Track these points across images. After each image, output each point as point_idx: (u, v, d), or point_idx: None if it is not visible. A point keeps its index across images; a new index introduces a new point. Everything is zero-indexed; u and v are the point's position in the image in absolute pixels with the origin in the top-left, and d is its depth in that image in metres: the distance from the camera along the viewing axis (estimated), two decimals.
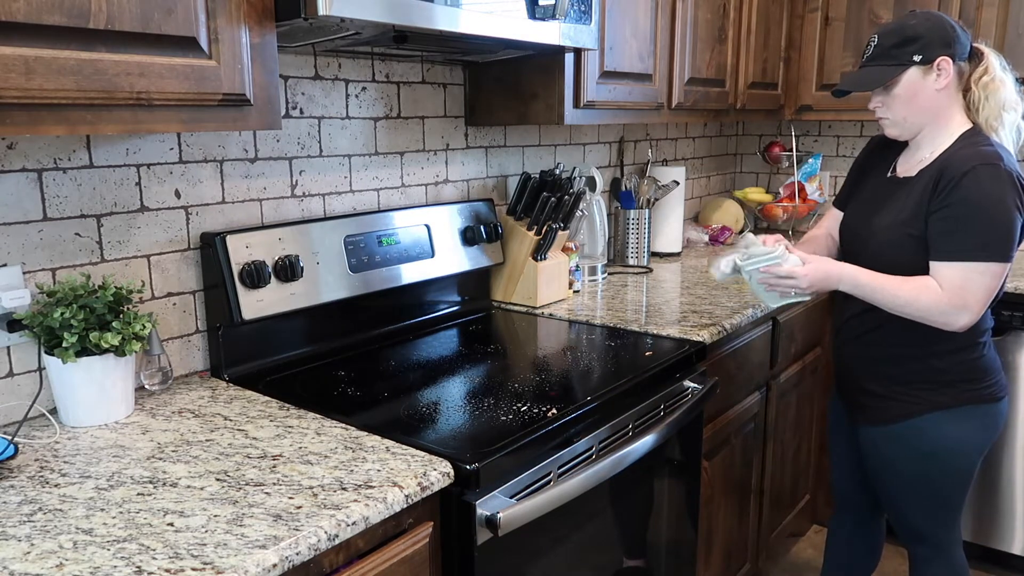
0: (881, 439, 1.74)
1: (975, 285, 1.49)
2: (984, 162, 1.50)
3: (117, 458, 1.19)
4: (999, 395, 1.66)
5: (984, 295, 1.51)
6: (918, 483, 1.71)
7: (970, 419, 1.64)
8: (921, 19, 1.59)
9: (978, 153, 1.52)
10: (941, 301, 1.51)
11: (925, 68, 1.57)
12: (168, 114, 1.11)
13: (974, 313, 1.51)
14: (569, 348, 1.83)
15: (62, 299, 1.28)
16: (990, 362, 1.66)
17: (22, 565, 0.91)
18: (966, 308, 1.50)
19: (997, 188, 1.48)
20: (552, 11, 1.58)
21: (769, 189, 3.35)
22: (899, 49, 1.58)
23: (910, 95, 1.59)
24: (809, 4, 2.83)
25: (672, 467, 1.73)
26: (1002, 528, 2.53)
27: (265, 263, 1.54)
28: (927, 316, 1.54)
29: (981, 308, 1.52)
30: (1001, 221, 1.48)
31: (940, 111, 1.60)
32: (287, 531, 0.97)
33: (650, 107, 2.22)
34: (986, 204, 1.48)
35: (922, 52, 1.56)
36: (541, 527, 1.29)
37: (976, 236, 1.49)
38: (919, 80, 1.58)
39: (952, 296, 1.50)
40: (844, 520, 2.04)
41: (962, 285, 1.50)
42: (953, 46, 1.56)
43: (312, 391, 1.51)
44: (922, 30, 1.57)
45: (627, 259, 2.65)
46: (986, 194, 1.48)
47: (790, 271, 1.62)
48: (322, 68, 1.74)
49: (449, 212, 1.97)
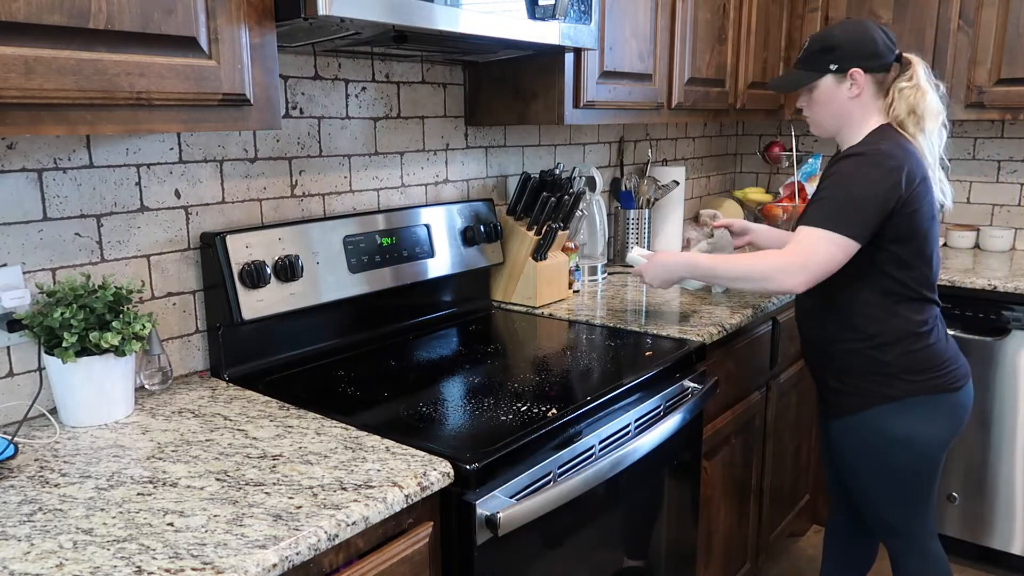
0: (840, 432, 1.79)
1: (820, 249, 1.56)
2: (867, 151, 1.60)
3: (117, 458, 1.19)
4: (952, 385, 1.68)
5: (825, 261, 1.57)
6: (881, 475, 1.74)
7: (924, 409, 1.67)
8: (845, 29, 1.68)
9: (867, 142, 1.63)
10: (782, 258, 1.59)
11: (839, 77, 1.67)
12: (168, 114, 1.11)
13: (810, 274, 1.58)
14: (569, 348, 1.83)
15: (62, 299, 1.28)
16: (938, 352, 1.68)
17: (22, 565, 0.91)
18: (805, 268, 1.57)
19: (867, 171, 1.57)
20: (552, 11, 1.57)
21: (769, 189, 3.35)
22: (819, 56, 1.69)
23: (825, 100, 1.71)
24: (809, 4, 2.83)
25: (672, 467, 1.73)
26: (1002, 528, 2.53)
27: (265, 263, 1.54)
28: (765, 277, 1.61)
29: (817, 273, 1.58)
30: (857, 199, 1.56)
31: (853, 116, 1.70)
32: (287, 531, 0.97)
33: (650, 107, 2.22)
34: (848, 183, 1.57)
35: (838, 62, 1.66)
36: (541, 527, 1.29)
37: (834, 208, 1.57)
38: (834, 87, 1.69)
39: (796, 254, 1.58)
40: (840, 519, 2.05)
41: (808, 248, 1.57)
42: (871, 59, 1.65)
43: (312, 391, 1.51)
44: (842, 40, 1.67)
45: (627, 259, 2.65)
46: (852, 174, 1.58)
47: (636, 271, 1.81)
48: (322, 68, 1.74)
49: (449, 212, 1.97)
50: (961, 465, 2.56)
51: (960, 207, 3.03)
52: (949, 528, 2.61)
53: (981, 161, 2.97)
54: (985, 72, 2.56)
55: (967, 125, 2.95)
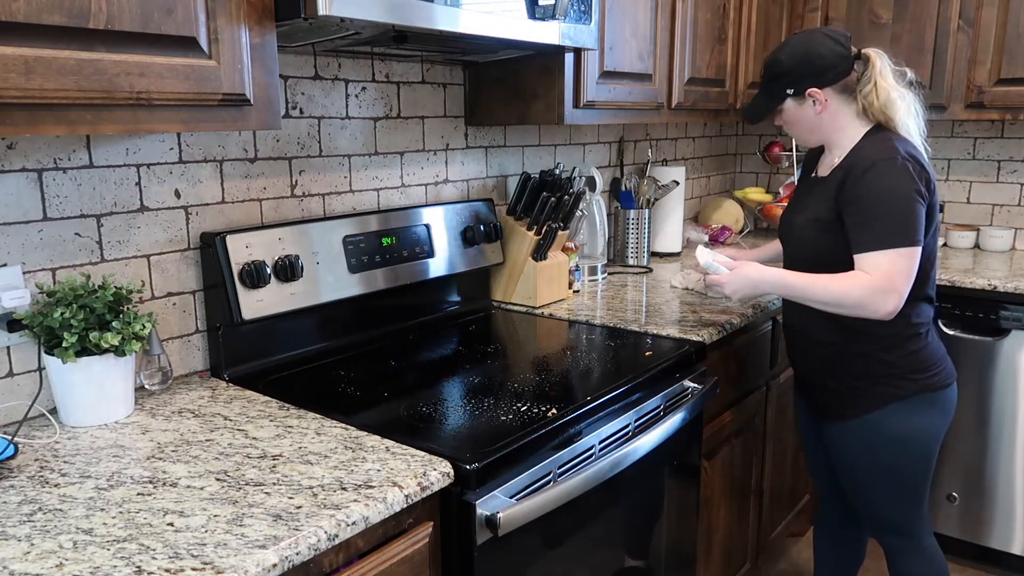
0: (840, 434, 1.79)
1: (899, 268, 1.57)
2: (882, 157, 1.59)
3: (117, 458, 1.19)
4: (947, 382, 1.72)
5: (907, 277, 1.58)
6: (884, 475, 1.75)
7: (924, 407, 1.69)
8: (790, 53, 1.68)
9: (877, 150, 1.62)
10: (872, 286, 1.57)
11: (799, 99, 1.69)
12: (168, 114, 1.11)
13: (900, 295, 1.57)
14: (569, 348, 1.83)
15: (62, 299, 1.28)
16: (934, 351, 1.71)
17: (22, 565, 0.91)
18: (894, 290, 1.56)
19: (896, 180, 1.57)
20: (552, 11, 1.57)
21: (769, 189, 3.35)
22: (774, 83, 1.71)
23: (795, 120, 1.74)
24: (809, 4, 2.83)
25: (672, 467, 1.73)
26: (1001, 528, 2.53)
27: (265, 263, 1.54)
28: (859, 304, 1.59)
29: (906, 290, 1.58)
30: (905, 210, 1.56)
31: (827, 127, 1.71)
32: (287, 531, 0.97)
33: (650, 107, 2.22)
34: (889, 196, 1.57)
35: (792, 86, 1.68)
36: (541, 527, 1.29)
37: (890, 225, 1.57)
38: (797, 109, 1.71)
39: (882, 279, 1.56)
40: (827, 517, 2.06)
41: (889, 269, 1.56)
42: (823, 74, 1.65)
43: (312, 391, 1.51)
44: (789, 65, 1.67)
45: (627, 259, 2.65)
46: (888, 187, 1.57)
47: (714, 279, 1.76)
48: (322, 68, 1.74)
49: (449, 212, 1.97)
50: (961, 465, 2.56)
51: (960, 207, 3.03)
52: (949, 528, 2.61)
53: (981, 161, 2.97)
54: (985, 72, 2.56)
55: (967, 125, 2.95)
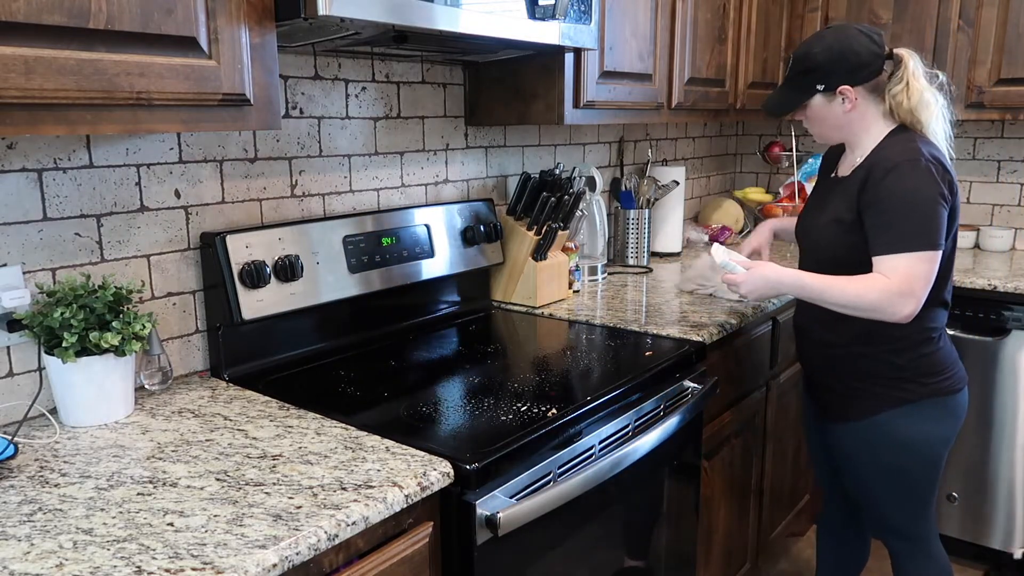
0: (844, 436, 1.78)
1: (918, 271, 1.55)
2: (905, 159, 1.57)
3: (117, 458, 1.19)
4: (958, 387, 1.70)
5: (925, 281, 1.56)
6: (889, 477, 1.74)
7: (934, 412, 1.68)
8: (825, 47, 1.63)
9: (900, 151, 1.59)
10: (889, 289, 1.55)
11: (829, 95, 1.66)
12: (168, 114, 1.11)
13: (918, 299, 1.55)
14: (569, 348, 1.83)
15: (62, 299, 1.28)
16: (947, 355, 1.70)
17: (22, 565, 0.91)
18: (912, 294, 1.55)
19: (919, 182, 1.55)
20: (552, 11, 1.57)
21: (769, 189, 3.35)
22: (803, 77, 1.67)
23: (821, 117, 1.70)
24: (809, 4, 2.83)
25: (672, 467, 1.73)
26: (1002, 528, 2.53)
27: (265, 263, 1.54)
28: (876, 307, 1.57)
29: (924, 294, 1.56)
30: (927, 212, 1.55)
31: (854, 126, 1.68)
32: (287, 531, 0.97)
33: (650, 107, 2.22)
34: (911, 198, 1.55)
35: (824, 81, 1.64)
36: (541, 527, 1.29)
37: (911, 227, 1.55)
38: (825, 105, 1.67)
39: (900, 283, 1.55)
40: (831, 517, 2.06)
41: (908, 273, 1.55)
42: (857, 72, 1.62)
43: (312, 391, 1.51)
44: (823, 60, 1.63)
45: (627, 259, 2.65)
46: (910, 188, 1.55)
47: (731, 278, 1.74)
48: (322, 68, 1.74)
49: (449, 212, 1.97)
50: (961, 465, 2.56)
51: (960, 207, 3.02)
52: (949, 528, 2.61)
53: (981, 161, 2.97)
54: (985, 72, 2.57)
55: (967, 125, 2.95)
